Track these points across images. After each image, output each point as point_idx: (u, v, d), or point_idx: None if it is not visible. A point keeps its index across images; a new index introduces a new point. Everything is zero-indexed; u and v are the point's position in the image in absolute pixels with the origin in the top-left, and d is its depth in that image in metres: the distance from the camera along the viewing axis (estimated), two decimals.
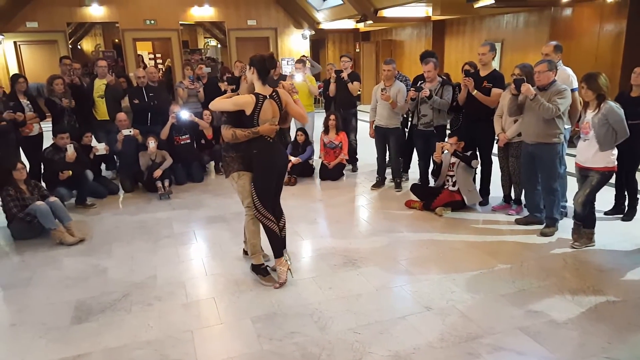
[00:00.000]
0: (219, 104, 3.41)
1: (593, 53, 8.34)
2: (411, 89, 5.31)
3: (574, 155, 4.16)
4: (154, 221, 5.14)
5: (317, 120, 7.44)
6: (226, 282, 3.72)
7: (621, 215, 4.71)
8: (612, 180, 4.29)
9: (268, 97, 3.39)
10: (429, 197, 5.18)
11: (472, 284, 3.55)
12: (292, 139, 6.99)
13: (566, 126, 4.44)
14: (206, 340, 2.96)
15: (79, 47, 17.86)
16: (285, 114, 3.60)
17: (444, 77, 5.66)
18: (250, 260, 3.78)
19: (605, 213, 4.74)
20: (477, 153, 5.18)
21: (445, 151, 5.12)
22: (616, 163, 3.94)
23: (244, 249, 4.08)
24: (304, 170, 6.64)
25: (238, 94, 3.51)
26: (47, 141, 5.84)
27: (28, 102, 5.84)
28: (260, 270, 3.67)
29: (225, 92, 7.28)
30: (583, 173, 4.05)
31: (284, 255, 3.61)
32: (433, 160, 5.39)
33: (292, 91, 3.82)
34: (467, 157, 5.02)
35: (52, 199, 4.69)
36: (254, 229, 3.65)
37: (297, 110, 3.62)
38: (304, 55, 6.89)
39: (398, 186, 5.98)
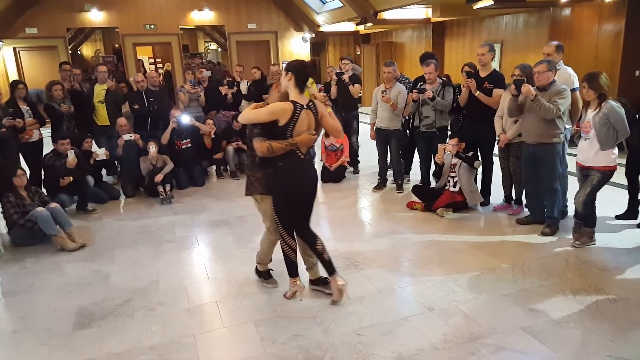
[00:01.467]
0: (251, 115, 3.04)
1: (592, 53, 8.35)
2: (414, 91, 5.31)
3: (575, 155, 4.16)
4: (156, 226, 5.14)
5: None
6: (229, 286, 3.72)
7: (637, 222, 4.56)
8: (615, 180, 4.30)
9: (305, 106, 3.09)
10: (430, 198, 5.18)
11: (474, 284, 3.55)
12: None
13: (567, 126, 4.45)
14: (209, 345, 2.96)
15: (78, 52, 17.93)
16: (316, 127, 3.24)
17: (444, 79, 5.67)
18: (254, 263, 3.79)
19: (617, 217, 4.69)
20: (479, 154, 5.18)
21: (447, 152, 5.12)
22: (616, 162, 3.94)
23: (256, 268, 3.76)
24: None
25: (267, 103, 3.17)
26: (47, 147, 5.85)
27: (28, 108, 5.85)
28: (263, 275, 3.67)
29: (225, 95, 7.33)
30: (584, 172, 4.05)
31: (337, 276, 3.32)
32: (435, 162, 5.39)
33: (326, 103, 3.71)
34: (469, 157, 5.03)
35: (53, 205, 4.69)
36: (268, 250, 3.57)
37: (333, 124, 3.30)
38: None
39: (399, 188, 5.99)
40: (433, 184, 5.71)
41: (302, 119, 3.06)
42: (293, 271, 3.39)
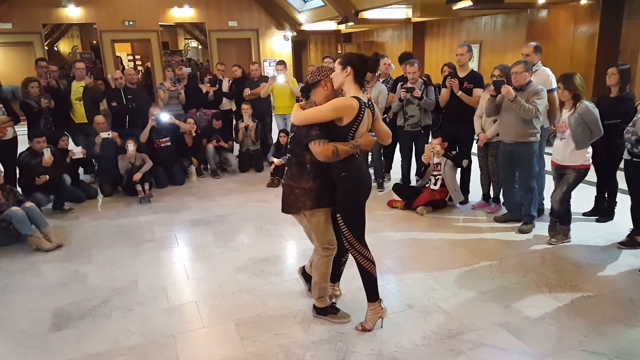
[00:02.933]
0: (310, 114, 2.67)
1: (568, 53, 8.55)
2: (402, 90, 5.33)
3: (552, 154, 4.25)
4: (135, 225, 5.07)
5: None
6: (209, 285, 3.69)
7: (596, 217, 4.74)
8: (588, 178, 4.40)
9: (366, 105, 2.75)
10: (410, 197, 5.23)
11: (453, 281, 3.60)
12: (275, 140, 7.01)
13: (545, 125, 4.54)
14: (189, 345, 2.94)
15: (55, 48, 17.56)
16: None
17: (425, 79, 5.73)
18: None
19: (584, 214, 4.81)
20: (459, 152, 5.25)
21: (433, 152, 5.17)
22: (591, 161, 4.04)
23: (315, 306, 3.17)
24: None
25: (313, 104, 2.80)
26: (22, 145, 5.72)
27: (1, 105, 5.69)
28: (329, 310, 3.12)
29: (207, 93, 7.26)
30: (560, 171, 4.14)
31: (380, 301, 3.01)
32: (419, 161, 5.43)
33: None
34: (456, 156, 5.10)
35: (28, 204, 4.59)
36: (327, 272, 3.03)
37: (386, 129, 2.98)
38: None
39: (380, 186, 6.02)
40: (413, 182, 5.76)
41: (365, 118, 2.73)
42: (376, 292, 2.96)
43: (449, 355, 2.74)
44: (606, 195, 4.74)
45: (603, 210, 4.74)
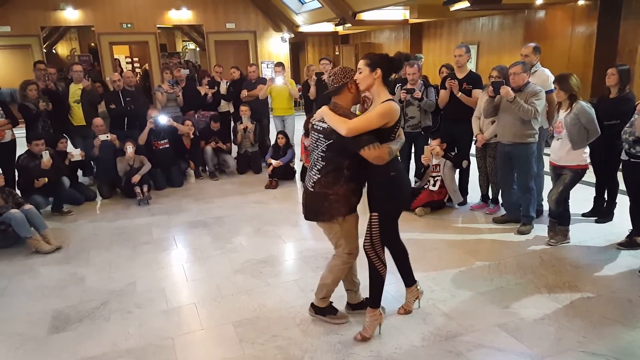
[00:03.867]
0: (363, 123, 2.60)
1: (566, 54, 8.56)
2: (402, 91, 5.33)
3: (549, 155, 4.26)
4: (133, 227, 5.07)
5: (298, 123, 7.45)
6: (207, 287, 3.69)
7: (595, 218, 4.74)
8: (588, 179, 4.41)
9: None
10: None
11: (452, 282, 3.60)
12: (273, 142, 7.01)
13: (544, 126, 4.54)
14: (187, 347, 2.93)
15: (53, 51, 17.53)
16: None
17: (424, 80, 5.73)
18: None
19: (583, 215, 4.81)
20: (458, 153, 5.26)
21: (433, 153, 5.17)
22: (588, 161, 4.05)
23: (314, 305, 3.15)
24: (285, 173, 6.64)
25: (341, 108, 2.72)
26: (21, 148, 5.71)
27: (0, 108, 5.70)
28: (328, 311, 3.10)
29: (205, 95, 7.26)
30: (557, 171, 4.15)
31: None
32: (418, 163, 5.43)
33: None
34: (456, 157, 5.10)
35: (27, 206, 4.59)
36: (341, 277, 3.03)
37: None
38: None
39: None
40: (412, 183, 5.76)
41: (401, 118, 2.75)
42: (379, 298, 2.92)
43: (447, 357, 2.74)
44: (606, 196, 4.74)
45: (602, 211, 4.74)
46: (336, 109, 2.71)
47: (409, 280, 3.15)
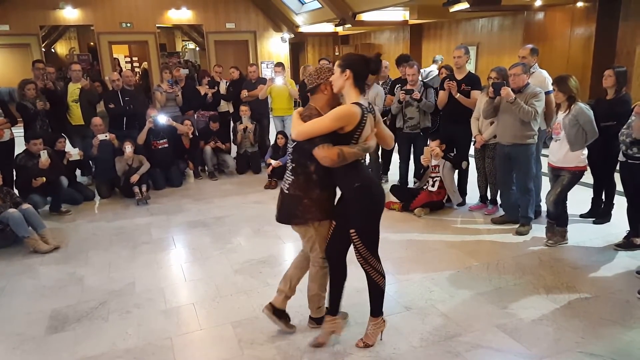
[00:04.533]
0: (313, 128, 2.50)
1: (565, 55, 8.58)
2: (400, 92, 5.34)
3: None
4: (132, 227, 5.07)
5: None
6: (206, 287, 3.69)
7: (593, 219, 4.75)
8: (586, 180, 4.42)
9: (368, 110, 2.60)
10: (408, 199, 5.24)
11: (450, 283, 3.61)
12: (272, 142, 7.01)
13: (542, 127, 4.55)
14: (186, 347, 2.93)
15: (52, 50, 17.50)
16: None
17: (424, 81, 5.74)
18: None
19: (581, 215, 4.81)
20: (456, 154, 5.26)
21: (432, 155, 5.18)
22: (587, 162, 4.05)
23: (273, 310, 3.00)
24: (285, 173, 6.62)
25: (316, 110, 2.62)
26: (19, 147, 5.70)
27: None
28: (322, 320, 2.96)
29: (205, 95, 7.25)
30: (555, 173, 4.16)
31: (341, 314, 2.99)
32: (417, 164, 5.44)
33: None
34: (455, 158, 5.11)
35: (25, 206, 4.58)
36: (326, 281, 2.92)
37: (388, 133, 2.86)
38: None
39: None
40: (412, 184, 5.77)
41: (367, 124, 2.58)
42: (381, 307, 2.85)
43: (446, 357, 2.74)
44: (603, 197, 4.75)
45: (600, 212, 4.75)
46: (306, 110, 2.64)
47: (373, 308, 2.86)
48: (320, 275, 2.89)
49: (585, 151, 4.02)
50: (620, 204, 4.52)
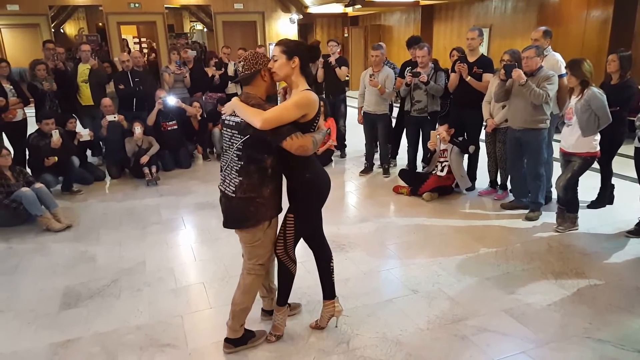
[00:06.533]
0: (281, 115, 2.35)
1: (580, 39, 8.40)
2: (408, 74, 5.29)
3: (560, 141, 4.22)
4: (142, 208, 5.11)
5: None
6: (215, 267, 3.73)
7: (603, 206, 4.67)
8: (598, 166, 4.38)
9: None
10: (416, 183, 5.22)
11: (458, 267, 3.62)
12: None
13: (554, 112, 4.49)
14: (196, 325, 2.98)
15: (61, 31, 17.46)
16: None
17: (434, 63, 5.66)
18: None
19: (588, 206, 4.71)
20: (466, 138, 5.22)
21: (439, 138, 5.15)
22: (598, 148, 4.00)
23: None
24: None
25: (255, 98, 2.44)
26: (32, 127, 5.75)
27: (11, 87, 5.72)
28: (246, 336, 2.75)
29: (212, 77, 7.23)
30: (566, 158, 4.12)
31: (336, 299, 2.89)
32: (425, 148, 5.41)
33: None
34: (463, 142, 5.07)
35: (38, 185, 4.64)
36: (256, 293, 2.78)
37: (323, 123, 2.74)
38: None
39: (386, 172, 6.02)
40: (420, 168, 5.75)
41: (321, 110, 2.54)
42: (287, 297, 2.82)
43: (452, 340, 2.76)
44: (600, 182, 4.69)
45: (597, 197, 4.70)
46: (248, 99, 2.42)
47: (328, 292, 2.85)
48: (256, 284, 2.69)
49: (598, 137, 3.96)
50: (632, 190, 4.47)
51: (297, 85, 2.49)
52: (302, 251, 3.98)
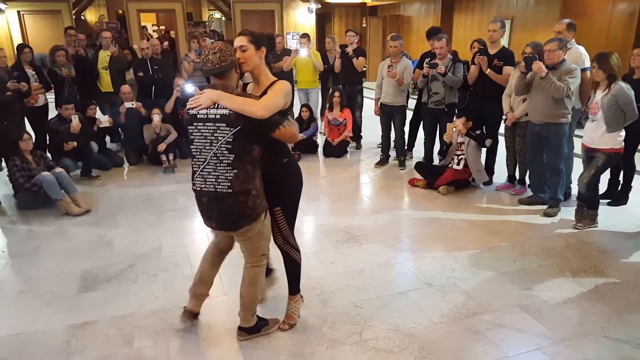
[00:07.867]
0: (276, 102, 2.34)
1: (604, 32, 8.20)
2: (425, 65, 5.23)
3: (582, 137, 4.13)
4: (159, 194, 5.17)
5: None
6: (230, 254, 3.71)
7: (609, 200, 4.60)
8: None
9: None
10: (432, 176, 5.18)
11: (473, 262, 3.59)
12: (296, 115, 6.98)
13: (576, 107, 4.40)
14: (211, 311, 3.01)
15: (82, 17, 17.62)
16: None
17: (453, 55, 5.58)
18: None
19: (609, 203, 4.61)
20: (484, 132, 5.15)
21: (454, 129, 5.09)
22: (623, 145, 3.92)
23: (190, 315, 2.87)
24: (308, 147, 6.64)
25: (234, 89, 2.44)
26: (53, 112, 5.84)
27: (34, 72, 5.83)
28: (259, 324, 2.77)
29: None
30: (589, 154, 4.04)
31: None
32: (442, 140, 5.36)
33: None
34: (480, 136, 5.00)
35: (58, 169, 4.72)
36: (263, 279, 2.77)
37: None
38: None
39: (402, 164, 5.98)
40: (436, 161, 5.70)
41: None
42: (299, 284, 2.86)
43: (466, 335, 2.75)
44: (621, 179, 4.59)
45: (617, 194, 4.61)
46: (228, 90, 2.36)
47: (293, 286, 2.84)
48: (259, 274, 2.68)
49: (623, 133, 3.88)
50: None
51: (266, 75, 2.51)
52: (315, 241, 4.01)
